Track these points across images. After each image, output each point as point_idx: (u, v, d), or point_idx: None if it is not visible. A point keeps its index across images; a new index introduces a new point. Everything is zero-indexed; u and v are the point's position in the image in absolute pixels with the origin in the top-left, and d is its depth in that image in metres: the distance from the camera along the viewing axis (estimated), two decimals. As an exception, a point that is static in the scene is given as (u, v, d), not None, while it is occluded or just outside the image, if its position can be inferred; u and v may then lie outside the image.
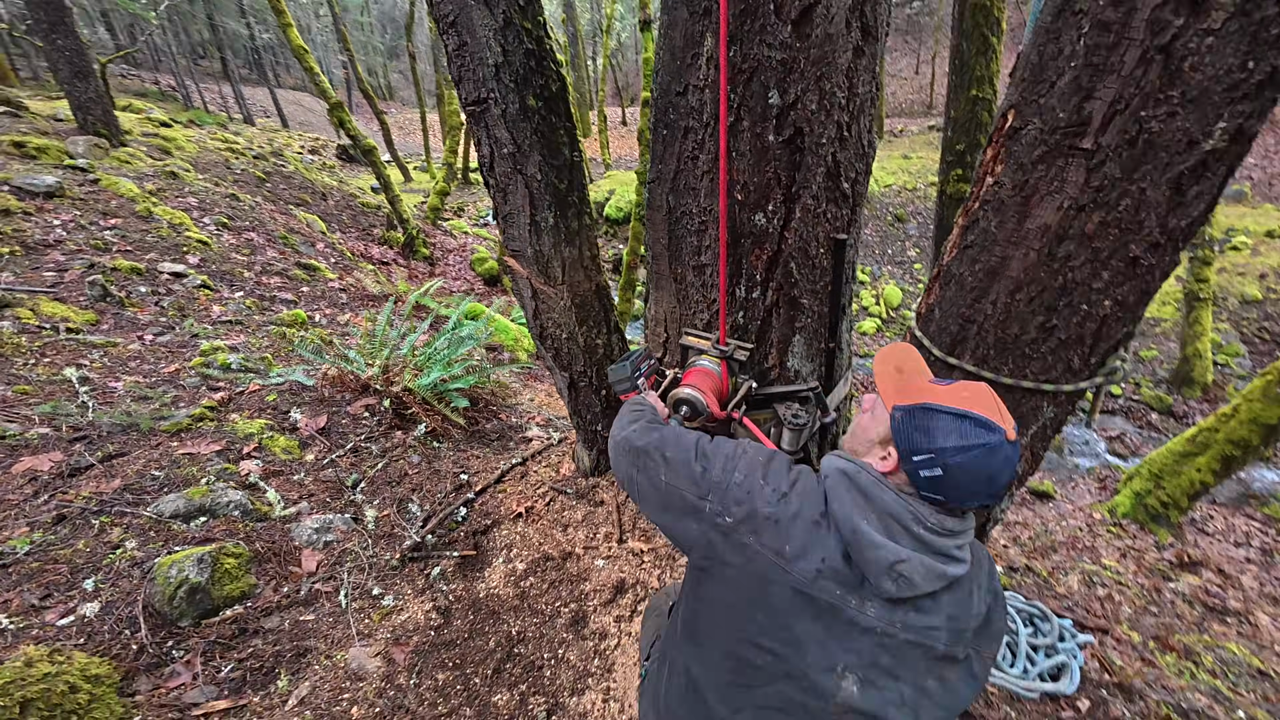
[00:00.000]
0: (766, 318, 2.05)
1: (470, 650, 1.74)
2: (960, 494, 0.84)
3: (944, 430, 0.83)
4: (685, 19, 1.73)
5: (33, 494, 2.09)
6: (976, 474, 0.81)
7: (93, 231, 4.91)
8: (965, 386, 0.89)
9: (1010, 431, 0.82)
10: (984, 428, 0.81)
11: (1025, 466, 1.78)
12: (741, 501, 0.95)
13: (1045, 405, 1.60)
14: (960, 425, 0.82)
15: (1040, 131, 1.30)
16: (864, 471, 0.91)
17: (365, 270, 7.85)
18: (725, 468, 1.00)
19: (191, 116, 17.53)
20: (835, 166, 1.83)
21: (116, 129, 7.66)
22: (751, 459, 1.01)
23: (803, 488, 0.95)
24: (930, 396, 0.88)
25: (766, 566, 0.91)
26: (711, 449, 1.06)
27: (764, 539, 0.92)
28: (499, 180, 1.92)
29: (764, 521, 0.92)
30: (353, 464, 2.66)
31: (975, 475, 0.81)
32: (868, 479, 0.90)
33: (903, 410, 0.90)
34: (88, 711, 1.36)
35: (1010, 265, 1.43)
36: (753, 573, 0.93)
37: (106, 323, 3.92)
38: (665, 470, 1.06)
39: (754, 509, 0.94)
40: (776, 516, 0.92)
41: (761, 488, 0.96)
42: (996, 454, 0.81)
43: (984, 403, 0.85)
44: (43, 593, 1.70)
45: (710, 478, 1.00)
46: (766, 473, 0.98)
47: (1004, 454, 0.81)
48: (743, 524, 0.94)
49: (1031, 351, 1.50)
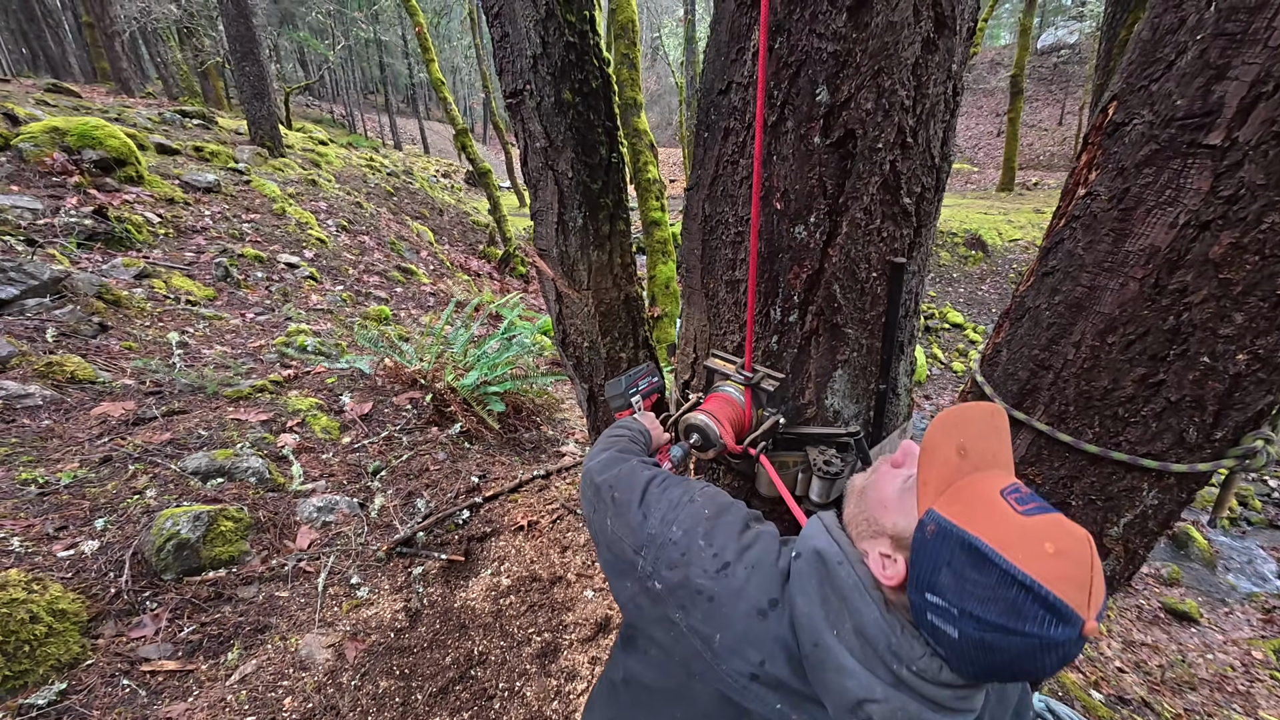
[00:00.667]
0: (804, 346, 1.80)
1: (424, 662, 1.61)
2: (974, 669, 0.57)
3: (987, 593, 0.54)
4: (733, 10, 1.60)
5: (96, 435, 2.30)
6: (1009, 661, 0.54)
7: (234, 223, 5.63)
8: (1057, 527, 0.56)
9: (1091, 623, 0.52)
10: (1053, 614, 0.51)
11: (1119, 566, 1.38)
12: (675, 565, 0.74)
13: (1145, 487, 1.22)
14: (1016, 598, 0.53)
15: (1150, 125, 1.01)
16: (848, 565, 0.66)
17: (459, 279, 8.35)
18: (665, 519, 0.79)
19: (351, 140, 20.13)
20: (895, 178, 1.58)
21: (279, 142, 8.88)
22: (696, 510, 0.79)
23: (756, 559, 0.72)
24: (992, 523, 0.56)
25: (690, 656, 0.70)
26: (655, 491, 0.85)
27: (692, 619, 0.70)
28: (530, 175, 1.88)
29: (695, 596, 0.71)
30: (380, 452, 2.70)
31: (1006, 662, 0.55)
32: (850, 578, 0.64)
33: (941, 527, 0.59)
34: (42, 643, 1.39)
35: (1101, 298, 1.12)
36: (676, 659, 0.73)
37: (221, 299, 4.41)
38: (612, 513, 0.87)
39: (687, 577, 0.72)
40: (712, 593, 0.70)
41: (701, 550, 0.73)
42: (1051, 651, 0.52)
43: (1070, 569, 0.53)
44: (60, 524, 1.83)
45: (647, 529, 0.79)
46: (712, 530, 0.75)
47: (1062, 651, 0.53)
48: (673, 594, 0.73)
49: (1127, 413, 1.15)
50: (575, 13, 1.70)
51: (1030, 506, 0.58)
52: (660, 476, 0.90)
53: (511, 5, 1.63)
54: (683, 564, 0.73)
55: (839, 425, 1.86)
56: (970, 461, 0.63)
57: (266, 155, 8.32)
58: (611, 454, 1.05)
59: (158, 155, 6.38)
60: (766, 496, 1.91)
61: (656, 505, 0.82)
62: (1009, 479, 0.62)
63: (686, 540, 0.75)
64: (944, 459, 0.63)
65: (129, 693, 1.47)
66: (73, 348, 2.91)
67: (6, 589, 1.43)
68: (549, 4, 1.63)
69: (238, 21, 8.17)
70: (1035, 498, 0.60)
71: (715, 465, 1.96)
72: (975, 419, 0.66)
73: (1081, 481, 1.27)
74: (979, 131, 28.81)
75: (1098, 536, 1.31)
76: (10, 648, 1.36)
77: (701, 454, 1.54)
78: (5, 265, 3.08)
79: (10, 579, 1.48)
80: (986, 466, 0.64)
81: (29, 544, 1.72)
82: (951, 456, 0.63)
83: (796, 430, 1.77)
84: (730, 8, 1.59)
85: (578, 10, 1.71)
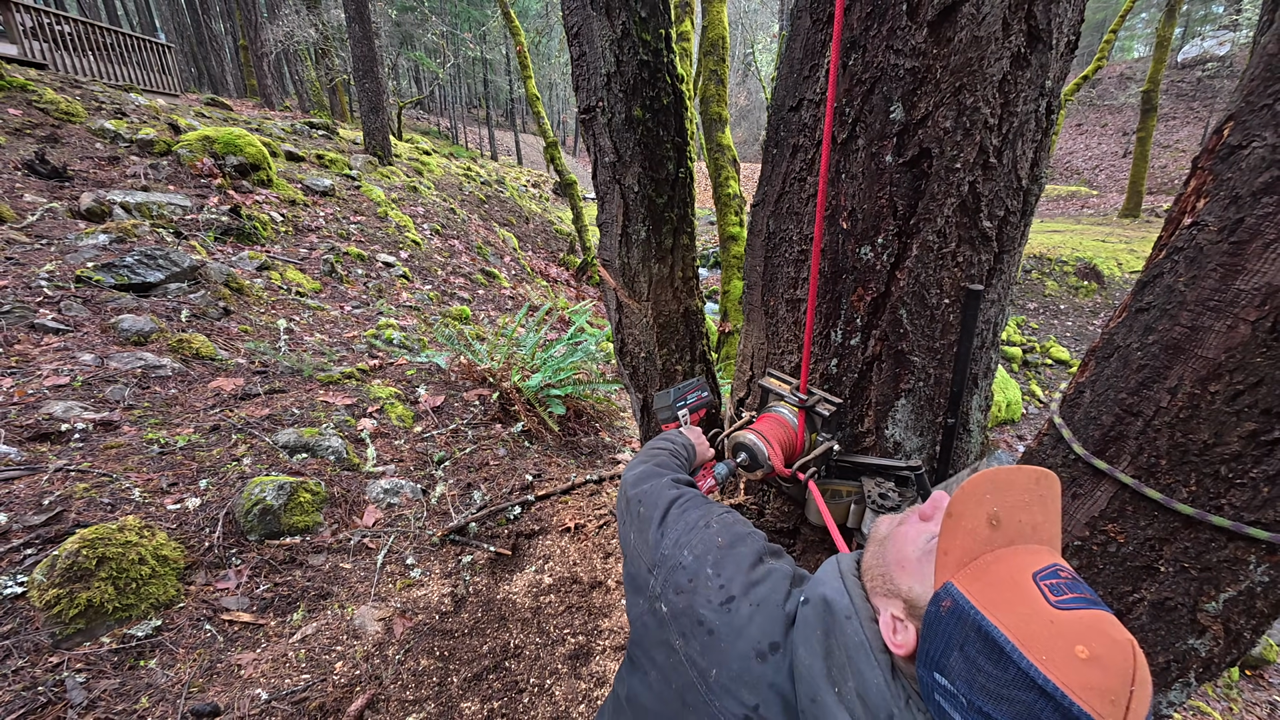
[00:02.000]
0: (865, 371, 1.72)
1: (463, 647, 1.69)
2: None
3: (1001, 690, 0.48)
4: (808, 28, 1.58)
5: (210, 406, 2.61)
6: None
7: (342, 223, 6.20)
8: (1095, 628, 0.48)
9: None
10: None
11: (1217, 648, 1.22)
12: (682, 590, 0.73)
13: (1253, 561, 1.08)
14: (1034, 704, 0.46)
15: (1272, 149, 0.90)
16: (856, 620, 0.61)
17: (537, 284, 8.70)
18: (678, 541, 0.78)
19: (452, 150, 21.60)
20: (974, 199, 1.49)
21: (388, 151, 9.70)
22: (710, 537, 0.77)
23: (762, 597, 0.69)
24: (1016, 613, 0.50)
25: (685, 686, 0.69)
26: (676, 513, 0.84)
27: (691, 648, 0.69)
28: (598, 188, 1.94)
29: (696, 627, 0.69)
30: (447, 443, 2.86)
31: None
32: (857, 636, 0.60)
33: (957, 604, 0.52)
34: (146, 583, 1.60)
35: (1204, 341, 1.00)
36: (673, 687, 0.71)
37: (325, 292, 4.86)
38: (635, 528, 0.87)
39: (691, 605, 0.71)
40: (713, 626, 0.68)
41: (708, 580, 0.72)
42: None
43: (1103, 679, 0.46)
44: (172, 480, 2.09)
45: (662, 549, 0.79)
46: (722, 560, 0.73)
47: None
48: (676, 620, 0.72)
49: (1231, 473, 1.02)
50: (651, 31, 1.74)
51: (1067, 597, 0.50)
52: (685, 497, 0.88)
53: (589, 25, 1.70)
54: (689, 590, 0.72)
55: (899, 457, 1.76)
56: (1003, 534, 0.55)
57: (376, 163, 9.11)
58: (648, 467, 1.03)
59: (286, 162, 7.16)
60: (816, 525, 1.83)
61: (674, 526, 0.81)
62: (1049, 560, 0.54)
63: (695, 566, 0.74)
64: (971, 528, 0.55)
65: (209, 637, 1.65)
66: (200, 328, 3.33)
67: (124, 532, 1.67)
68: (625, 24, 1.68)
69: (362, 43, 9.05)
70: (1078, 586, 0.52)
71: (765, 487, 1.91)
72: (1016, 484, 0.57)
73: (1173, 546, 1.13)
74: (1101, 152, 26.28)
75: (1191, 610, 1.15)
76: (122, 583, 1.59)
77: (749, 474, 1.51)
78: (155, 253, 3.59)
79: (128, 524, 1.72)
80: (1023, 541, 0.56)
81: (146, 495, 1.99)
82: (981, 526, 0.55)
83: (852, 459, 1.70)
84: (805, 24, 1.57)
85: (654, 29, 1.75)
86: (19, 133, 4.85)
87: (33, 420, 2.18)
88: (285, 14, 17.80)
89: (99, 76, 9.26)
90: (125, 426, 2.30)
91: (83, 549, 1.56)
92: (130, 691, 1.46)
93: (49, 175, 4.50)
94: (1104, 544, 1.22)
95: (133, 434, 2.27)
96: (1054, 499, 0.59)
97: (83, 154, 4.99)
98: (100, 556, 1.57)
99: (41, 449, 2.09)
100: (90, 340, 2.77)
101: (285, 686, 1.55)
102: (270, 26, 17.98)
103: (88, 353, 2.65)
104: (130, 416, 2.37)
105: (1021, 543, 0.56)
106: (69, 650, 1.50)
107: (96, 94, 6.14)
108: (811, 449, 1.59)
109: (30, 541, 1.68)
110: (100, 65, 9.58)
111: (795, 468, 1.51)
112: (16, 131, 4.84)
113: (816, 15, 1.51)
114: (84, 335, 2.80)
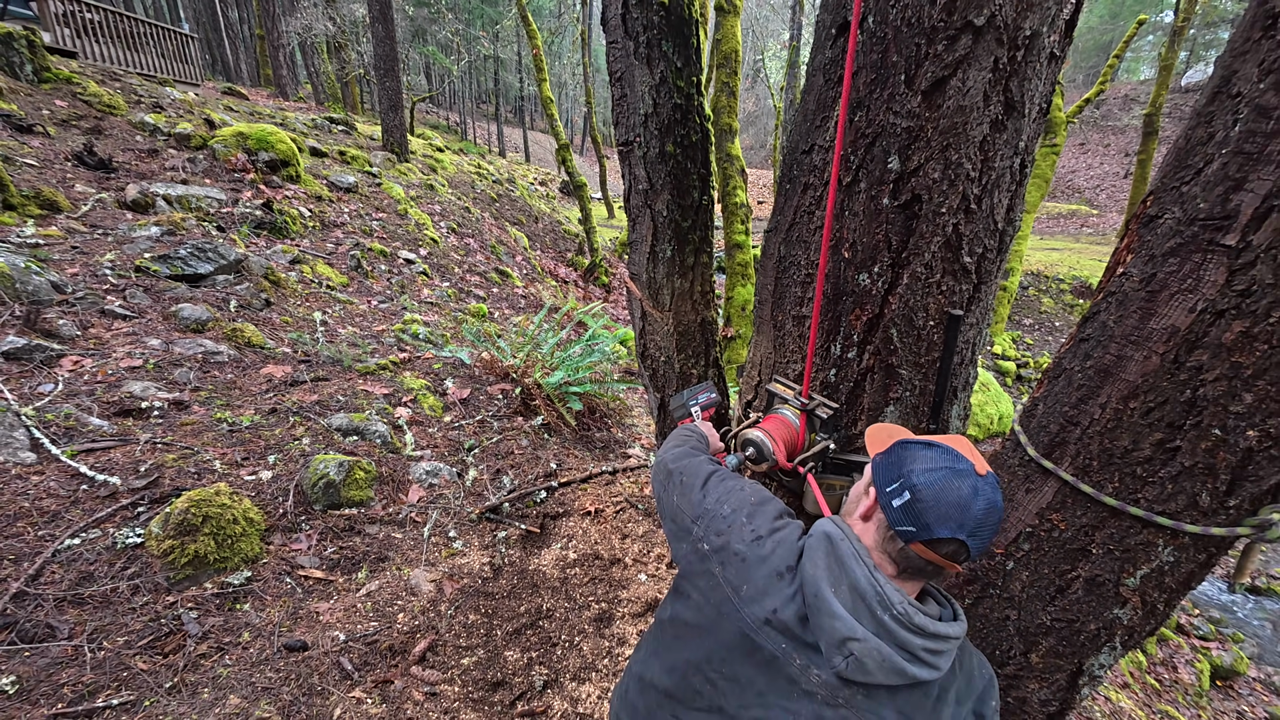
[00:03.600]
0: (860, 380, 1.98)
1: (503, 607, 1.94)
2: (929, 519, 0.80)
3: (911, 458, 0.86)
4: (820, 85, 1.84)
5: (264, 390, 2.86)
6: (943, 497, 0.80)
7: (365, 220, 6.45)
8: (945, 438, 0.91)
9: (980, 466, 0.83)
10: (950, 456, 0.84)
11: (1136, 617, 1.48)
12: (721, 533, 0.99)
13: (1161, 544, 1.34)
14: (927, 452, 0.86)
15: (1177, 221, 1.16)
16: (848, 541, 0.88)
17: (548, 284, 8.95)
18: (719, 499, 1.05)
19: (462, 146, 21.81)
20: (957, 238, 1.76)
21: (405, 149, 9.94)
22: (743, 498, 1.04)
23: (782, 537, 0.96)
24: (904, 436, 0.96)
25: (721, 600, 0.94)
26: (715, 480, 1.11)
27: (728, 573, 0.94)
28: (631, 211, 2.19)
29: (732, 556, 0.95)
30: (475, 432, 3.11)
31: (942, 498, 0.80)
32: (848, 549, 0.87)
33: (881, 453, 0.94)
34: (238, 539, 1.85)
35: (1127, 367, 1.27)
36: (711, 602, 0.96)
37: (353, 286, 5.11)
38: (678, 492, 1.14)
39: (728, 542, 0.97)
40: (745, 555, 0.94)
41: (743, 525, 0.98)
42: (963, 478, 0.81)
43: (954, 443, 0.88)
44: (244, 455, 2.34)
45: (705, 505, 1.05)
46: (753, 513, 1.00)
47: (972, 482, 0.81)
48: (716, 554, 0.98)
49: (1145, 473, 1.29)
50: (685, 79, 2.00)
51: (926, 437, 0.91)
52: (721, 471, 1.16)
53: (632, 72, 1.95)
54: (727, 532, 0.98)
55: (887, 456, 2.02)
56: (893, 435, 1.01)
57: (394, 160, 9.35)
58: (685, 449, 1.32)
59: (310, 158, 7.40)
60: (811, 514, 2.09)
61: (715, 489, 1.08)
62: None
63: (733, 515, 1.00)
64: (879, 439, 1.01)
65: (290, 588, 1.91)
66: (247, 317, 3.58)
67: (220, 495, 1.92)
68: (663, 72, 1.94)
69: (385, 43, 9.29)
70: None
71: (767, 480, 2.17)
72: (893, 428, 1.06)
73: (1102, 531, 1.39)
74: (1103, 172, 26.55)
75: (1115, 585, 1.41)
76: (220, 538, 1.85)
77: (755, 466, 1.74)
78: (205, 246, 3.83)
79: (221, 489, 1.97)
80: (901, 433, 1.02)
81: (225, 467, 2.24)
82: (883, 438, 1.01)
83: (846, 457, 1.95)
84: (819, 81, 1.83)
85: (687, 77, 2.00)
86: (66, 124, 5.09)
87: (116, 398, 2.42)
88: (305, 6, 18.02)
89: (124, 65, 9.48)
90: (195, 406, 2.55)
91: (190, 508, 1.82)
92: (233, 628, 1.72)
93: (96, 166, 4.74)
94: (1049, 530, 1.49)
95: (203, 413, 2.52)
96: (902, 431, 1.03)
97: (124, 146, 5.24)
98: (204, 515, 1.82)
99: (127, 423, 2.33)
100: (154, 326, 3.02)
101: (358, 631, 1.80)
102: (288, 19, 18.20)
103: (154, 338, 2.89)
104: (198, 397, 2.62)
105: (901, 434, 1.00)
106: (180, 592, 1.76)
107: (135, 88, 6.38)
108: (811, 447, 1.84)
109: (137, 502, 1.94)
110: (126, 54, 9.79)
111: (796, 463, 1.76)
112: (64, 123, 5.08)
113: (829, 75, 1.77)
114: (148, 322, 3.04)
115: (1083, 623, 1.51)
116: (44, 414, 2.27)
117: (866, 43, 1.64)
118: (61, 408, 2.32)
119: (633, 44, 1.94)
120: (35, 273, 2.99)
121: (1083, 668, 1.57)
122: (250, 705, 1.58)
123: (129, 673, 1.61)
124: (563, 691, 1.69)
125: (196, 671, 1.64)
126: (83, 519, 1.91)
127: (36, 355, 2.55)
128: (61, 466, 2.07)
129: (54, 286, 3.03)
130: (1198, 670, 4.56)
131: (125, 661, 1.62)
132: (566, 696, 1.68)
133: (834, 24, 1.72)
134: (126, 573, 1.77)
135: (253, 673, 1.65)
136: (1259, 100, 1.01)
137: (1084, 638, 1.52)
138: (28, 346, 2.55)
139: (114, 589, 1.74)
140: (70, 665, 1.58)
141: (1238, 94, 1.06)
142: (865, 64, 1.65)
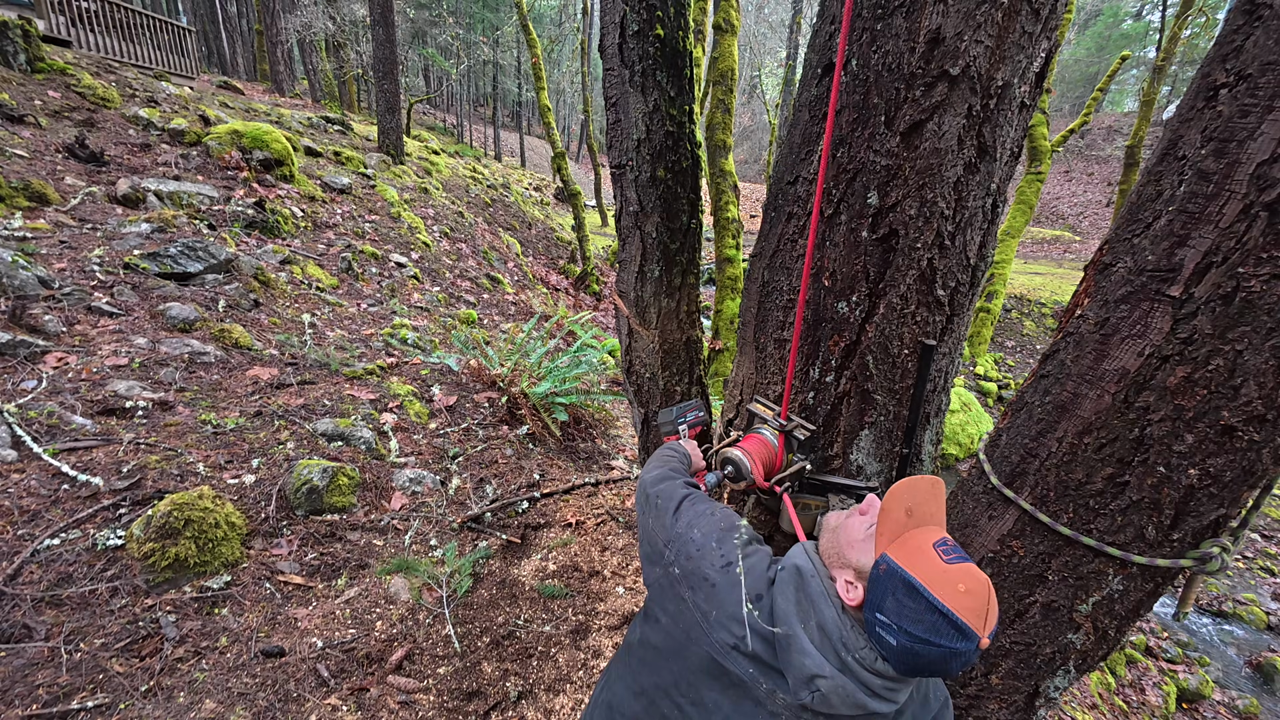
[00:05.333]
0: (836, 404, 2.04)
1: (481, 616, 1.96)
2: (904, 668, 0.81)
3: (916, 615, 0.78)
4: (806, 120, 1.92)
5: (250, 392, 2.86)
6: (928, 663, 0.79)
7: (358, 222, 6.45)
8: (968, 574, 0.80)
9: (985, 640, 0.78)
10: (958, 632, 0.76)
11: (1089, 642, 1.55)
12: (691, 557, 1.01)
13: (1111, 572, 1.41)
14: (935, 621, 0.77)
15: (1129, 270, 1.24)
16: (819, 580, 0.89)
17: (538, 291, 8.98)
18: (689, 523, 1.07)
19: (458, 149, 21.82)
20: (931, 272, 1.83)
21: (401, 151, 9.95)
22: (714, 523, 1.06)
23: (751, 565, 0.97)
24: (924, 568, 0.79)
25: (691, 625, 0.96)
26: (687, 505, 1.13)
27: (698, 597, 0.96)
28: (622, 231, 2.25)
29: (702, 581, 0.97)
30: (460, 440, 3.13)
31: (927, 663, 0.79)
32: (818, 588, 0.88)
33: (889, 567, 0.82)
34: (219, 544, 1.86)
35: (1081, 405, 1.34)
36: (680, 626, 0.98)
37: (343, 289, 5.11)
38: (653, 515, 1.16)
39: (698, 568, 0.99)
40: (714, 581, 0.96)
41: (712, 551, 1.00)
42: (957, 658, 0.78)
43: (974, 603, 0.77)
44: (228, 458, 2.34)
45: (676, 529, 1.07)
46: (723, 539, 1.02)
47: (965, 658, 0.78)
48: (686, 578, 0.99)
49: (1097, 505, 1.36)
50: (678, 107, 2.07)
51: (952, 556, 0.81)
52: (694, 495, 1.18)
53: (627, 99, 2.02)
54: (697, 557, 1.00)
55: (861, 479, 2.09)
56: (914, 520, 0.86)
57: (390, 162, 9.36)
58: (664, 471, 1.34)
59: (305, 157, 7.40)
60: (787, 532, 2.15)
61: (686, 514, 1.10)
62: (941, 534, 0.85)
63: (703, 540, 1.02)
64: (896, 518, 0.85)
65: (270, 593, 1.92)
66: (235, 318, 3.57)
67: (203, 499, 1.93)
68: (656, 100, 2.00)
69: (384, 46, 9.33)
70: (956, 549, 0.84)
71: (746, 497, 2.21)
72: (920, 487, 0.89)
73: (1058, 559, 1.46)
74: (1087, 200, 27.21)
75: (1069, 610, 1.48)
76: (201, 542, 1.86)
77: (734, 484, 1.79)
78: (195, 245, 3.83)
79: (204, 492, 1.98)
80: (926, 524, 0.86)
81: (209, 470, 2.25)
82: (902, 516, 0.86)
83: (821, 478, 2.01)
84: (805, 117, 1.91)
85: (680, 105, 2.07)
86: (58, 115, 5.07)
87: (100, 396, 2.42)
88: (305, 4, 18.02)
89: (119, 55, 9.42)
90: (180, 407, 2.55)
91: (173, 511, 1.83)
92: (211, 632, 1.73)
93: (87, 159, 4.72)
94: (1009, 556, 1.55)
95: (188, 415, 2.52)
96: (943, 495, 0.91)
97: (117, 139, 5.21)
98: (187, 519, 1.83)
99: (111, 423, 2.33)
100: (141, 325, 3.01)
101: (336, 638, 1.82)
102: (287, 15, 18.17)
103: (140, 336, 2.89)
104: (183, 398, 2.62)
105: (925, 525, 0.86)
106: (160, 595, 1.76)
107: (130, 81, 6.35)
108: (788, 467, 1.89)
109: (118, 503, 1.95)
110: (121, 44, 9.73)
111: (773, 482, 1.81)
112: (56, 114, 5.05)
113: (814, 112, 1.84)
114: (135, 320, 3.03)
115: (1039, 646, 1.57)
116: (26, 411, 2.26)
117: (850, 84, 1.72)
118: (44, 405, 2.32)
119: (628, 72, 2.00)
120: (22, 266, 2.98)
121: (1039, 689, 1.63)
122: (226, 710, 1.60)
123: (105, 675, 1.61)
124: (536, 702, 1.72)
125: (173, 675, 1.65)
126: (63, 519, 1.92)
127: (20, 351, 2.54)
128: (43, 465, 2.07)
129: (40, 281, 3.02)
130: (1165, 693, 4.66)
131: (102, 664, 1.62)
132: (540, 708, 1.71)
133: (820, 64, 1.79)
134: (106, 574, 1.78)
135: (229, 678, 1.66)
136: (1200, 165, 1.10)
137: (1040, 660, 1.58)
138: (12, 342, 2.54)
139: (93, 590, 1.75)
140: (46, 666, 1.59)
141: (1183, 156, 1.15)
142: (848, 104, 1.73)
